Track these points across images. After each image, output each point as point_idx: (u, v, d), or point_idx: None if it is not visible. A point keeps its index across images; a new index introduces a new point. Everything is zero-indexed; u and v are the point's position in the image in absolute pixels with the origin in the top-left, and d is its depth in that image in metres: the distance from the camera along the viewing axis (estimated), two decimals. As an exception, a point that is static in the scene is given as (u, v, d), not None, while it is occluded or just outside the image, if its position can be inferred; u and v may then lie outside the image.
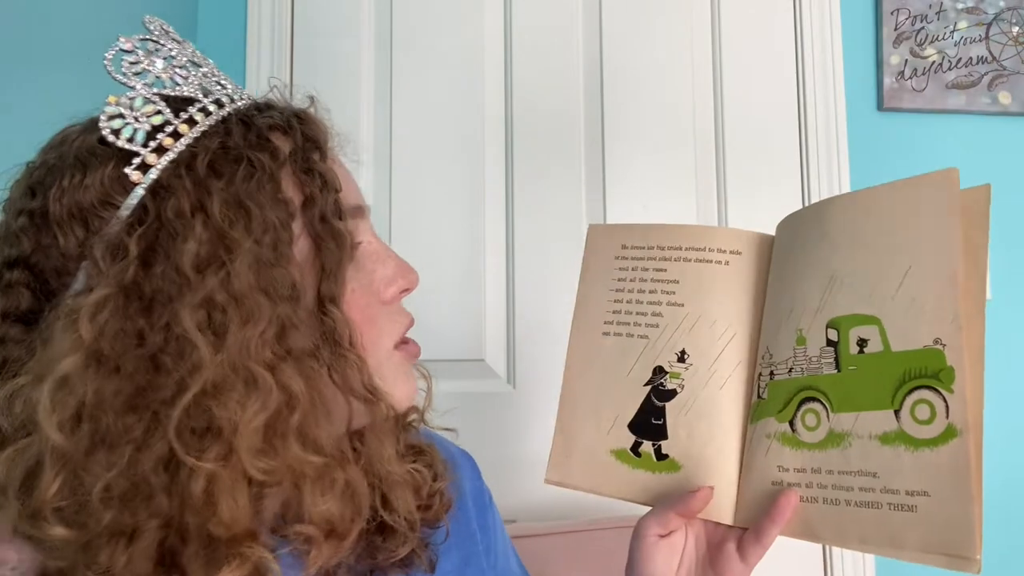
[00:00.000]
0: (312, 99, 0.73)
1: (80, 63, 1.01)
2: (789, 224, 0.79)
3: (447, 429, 0.87)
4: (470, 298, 1.63)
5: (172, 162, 0.59)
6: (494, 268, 1.64)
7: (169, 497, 0.55)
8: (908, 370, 0.65)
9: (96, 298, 0.55)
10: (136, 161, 0.59)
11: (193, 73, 0.65)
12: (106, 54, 0.63)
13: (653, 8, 1.70)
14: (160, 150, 0.60)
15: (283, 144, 0.64)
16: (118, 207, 0.58)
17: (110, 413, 0.54)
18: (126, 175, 0.58)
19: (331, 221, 0.63)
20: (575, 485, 0.84)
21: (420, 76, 1.67)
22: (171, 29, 0.69)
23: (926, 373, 0.64)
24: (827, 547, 1.45)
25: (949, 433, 0.62)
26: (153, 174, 0.59)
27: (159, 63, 0.64)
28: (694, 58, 1.71)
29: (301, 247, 0.62)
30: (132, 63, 0.63)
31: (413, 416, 0.79)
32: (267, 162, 0.61)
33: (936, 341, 0.64)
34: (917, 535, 0.63)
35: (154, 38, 0.66)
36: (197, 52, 0.69)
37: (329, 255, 0.62)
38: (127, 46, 0.63)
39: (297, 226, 0.62)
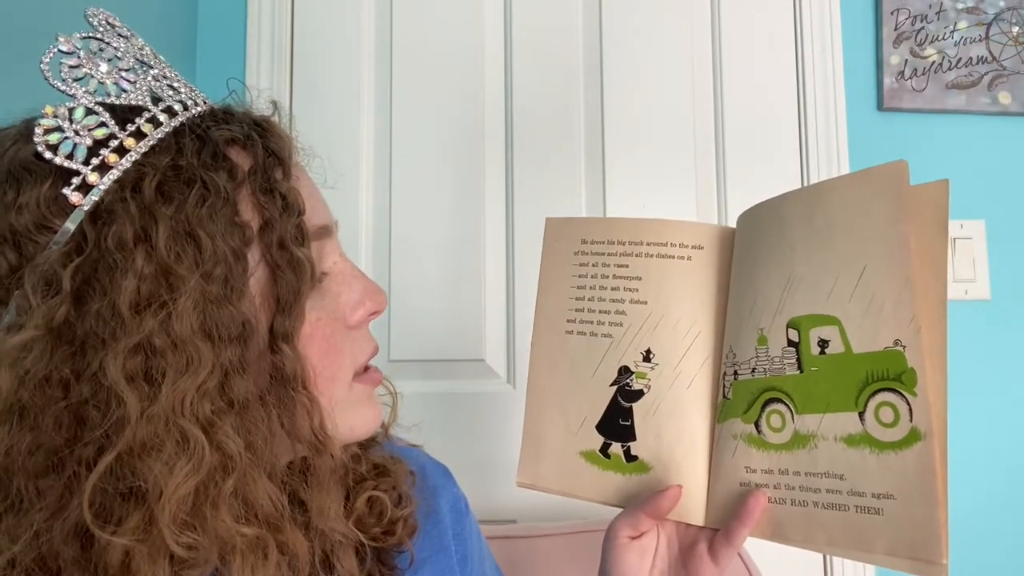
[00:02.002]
0: (275, 105, 0.67)
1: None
2: (749, 218, 0.75)
3: (413, 445, 0.84)
4: (470, 298, 1.60)
5: (116, 182, 0.52)
6: (494, 268, 1.61)
7: (82, 572, 0.49)
8: (870, 372, 0.62)
9: (20, 341, 0.48)
10: (76, 181, 0.51)
11: (142, 76, 0.58)
12: (43, 57, 0.55)
13: (653, 8, 1.66)
14: (103, 168, 0.52)
15: (242, 160, 0.57)
16: (55, 231, 0.51)
17: (22, 475, 0.48)
18: (65, 196, 0.51)
19: (291, 248, 0.56)
20: (546, 488, 0.81)
21: (420, 77, 1.64)
22: (117, 22, 0.61)
23: (888, 375, 0.61)
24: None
25: (913, 436, 0.59)
26: (95, 196, 0.52)
27: (103, 66, 0.56)
28: (694, 58, 1.67)
29: (258, 277, 0.56)
30: (72, 67, 0.55)
31: (377, 431, 0.74)
32: (223, 183, 0.54)
33: (896, 343, 0.61)
34: (884, 538, 0.60)
35: (98, 35, 0.58)
36: (147, 48, 0.62)
37: (286, 287, 0.56)
38: (66, 47, 0.55)
39: (254, 254, 0.56)
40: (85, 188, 0.52)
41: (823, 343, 0.65)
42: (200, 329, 0.51)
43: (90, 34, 0.58)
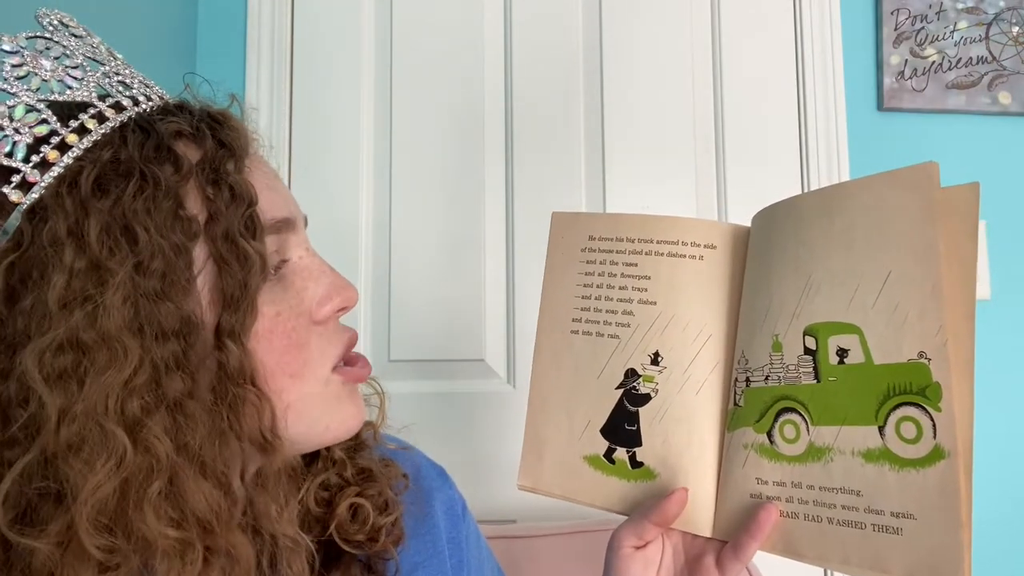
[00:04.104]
0: (233, 98, 0.64)
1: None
2: (764, 218, 0.71)
3: (404, 448, 0.80)
4: (470, 298, 1.57)
5: (57, 178, 0.50)
6: (494, 268, 1.58)
7: (5, 574, 0.47)
8: (892, 384, 0.57)
9: None
10: (16, 179, 0.50)
11: (91, 73, 0.56)
12: None
13: (653, 9, 1.63)
14: (44, 165, 0.51)
15: (190, 153, 0.55)
16: None
17: None
18: (5, 195, 0.50)
19: (237, 241, 0.53)
20: (548, 492, 0.77)
21: (420, 76, 1.61)
22: (72, 22, 0.59)
23: (911, 389, 0.56)
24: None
25: (936, 454, 0.54)
26: (35, 193, 0.50)
27: (47, 64, 0.54)
28: (694, 58, 1.64)
29: (207, 272, 0.53)
30: (15, 66, 0.53)
31: (367, 433, 0.72)
32: (167, 176, 0.52)
33: (921, 355, 0.56)
34: (902, 559, 0.56)
35: (46, 35, 0.56)
36: (102, 47, 0.59)
37: (232, 281, 0.53)
38: (10, 46, 0.54)
39: (202, 248, 0.53)
40: (25, 186, 0.50)
41: (842, 352, 0.61)
42: (130, 324, 0.49)
43: (37, 33, 0.56)
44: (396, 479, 0.73)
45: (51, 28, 0.57)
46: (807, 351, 0.63)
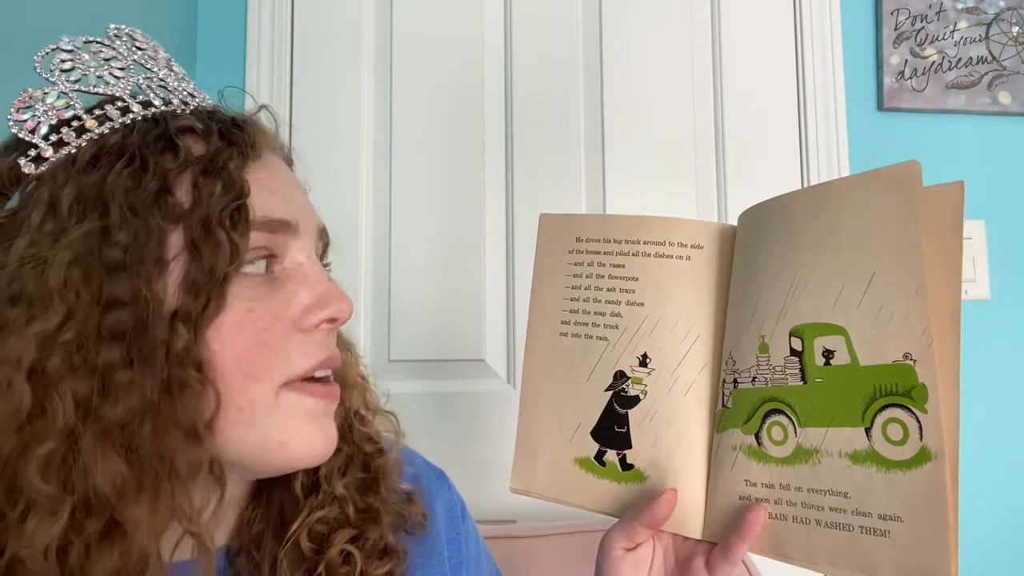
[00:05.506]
0: (264, 107, 0.66)
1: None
2: (751, 217, 0.70)
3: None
4: (470, 298, 1.56)
5: (67, 157, 0.54)
6: (494, 267, 1.57)
7: None
8: (878, 386, 0.57)
9: None
10: (32, 153, 0.54)
11: (133, 75, 0.59)
12: (38, 52, 0.58)
13: (653, 9, 1.62)
14: (60, 144, 0.54)
15: (195, 148, 0.56)
16: (8, 198, 0.54)
17: None
18: (19, 166, 0.54)
19: (212, 228, 0.53)
20: (540, 494, 0.76)
21: (420, 76, 1.61)
22: (138, 35, 0.63)
23: (897, 390, 0.56)
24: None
25: (923, 456, 0.54)
26: (45, 167, 0.54)
27: (93, 62, 0.59)
28: (694, 58, 1.62)
29: (182, 259, 0.53)
30: (63, 61, 0.58)
31: (388, 467, 0.70)
32: (163, 162, 0.54)
33: (906, 356, 0.55)
34: (890, 562, 0.55)
35: (107, 42, 0.60)
36: (158, 59, 0.62)
37: (198, 266, 0.53)
38: (68, 46, 0.59)
39: (180, 235, 0.53)
40: (39, 160, 0.54)
41: (828, 353, 0.60)
42: (69, 284, 0.50)
43: (93, 39, 0.60)
44: (414, 517, 0.72)
45: (112, 37, 0.61)
46: (793, 352, 0.62)
